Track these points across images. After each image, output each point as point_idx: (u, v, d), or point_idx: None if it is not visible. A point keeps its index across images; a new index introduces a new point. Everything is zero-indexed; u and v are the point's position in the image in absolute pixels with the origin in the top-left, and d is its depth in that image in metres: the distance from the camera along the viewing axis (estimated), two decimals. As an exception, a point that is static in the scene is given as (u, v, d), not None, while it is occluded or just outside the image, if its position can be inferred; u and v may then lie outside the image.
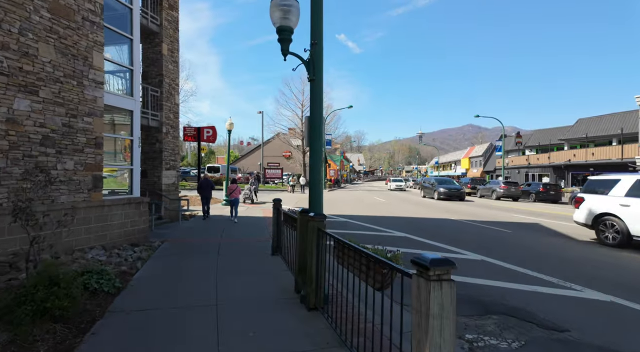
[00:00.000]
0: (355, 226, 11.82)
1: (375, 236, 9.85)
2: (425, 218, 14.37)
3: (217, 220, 12.60)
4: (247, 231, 10.34)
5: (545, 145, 38.22)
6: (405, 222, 12.94)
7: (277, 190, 35.05)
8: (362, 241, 7.80)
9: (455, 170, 71.74)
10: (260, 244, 8.41)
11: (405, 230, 10.99)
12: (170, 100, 11.93)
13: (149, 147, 11.67)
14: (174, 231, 10.03)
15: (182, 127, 20.28)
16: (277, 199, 7.43)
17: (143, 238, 8.37)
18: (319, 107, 4.74)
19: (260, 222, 12.37)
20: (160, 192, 11.50)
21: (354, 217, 14.37)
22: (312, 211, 4.71)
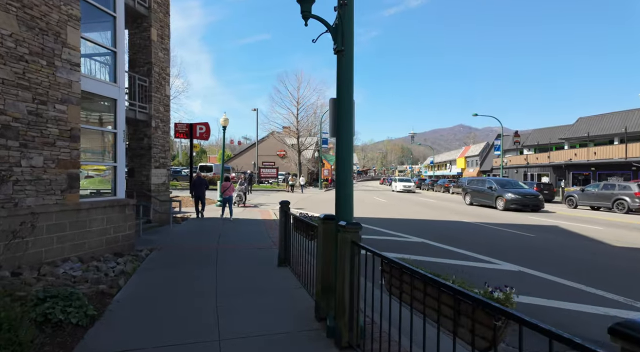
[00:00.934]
0: (364, 230, 10.83)
1: (390, 242, 8.90)
2: (435, 220, 13.47)
3: (211, 222, 11.52)
4: (246, 236, 9.29)
5: (545, 144, 37.77)
6: (416, 225, 12.02)
7: (273, 190, 33.97)
8: (377, 247, 6.83)
9: (450, 170, 71.38)
10: (262, 253, 7.39)
11: (421, 234, 10.05)
12: (160, 92, 10.82)
13: (136, 143, 10.55)
14: (164, 237, 8.94)
15: (173, 124, 19.14)
16: (285, 202, 6.41)
17: (128, 246, 7.28)
18: (349, 87, 3.75)
19: (259, 225, 11.33)
20: (148, 193, 10.39)
21: (360, 219, 13.38)
22: (341, 219, 3.72)
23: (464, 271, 6.06)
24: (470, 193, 21.57)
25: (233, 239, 8.85)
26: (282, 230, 6.38)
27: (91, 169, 7.93)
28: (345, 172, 3.82)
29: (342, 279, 3.34)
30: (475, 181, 23.29)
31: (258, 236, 9.35)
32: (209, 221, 12.08)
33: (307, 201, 21.89)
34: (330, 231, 3.94)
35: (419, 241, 9.13)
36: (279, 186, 39.51)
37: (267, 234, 9.73)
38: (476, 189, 21.07)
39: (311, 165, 50.82)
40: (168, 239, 8.70)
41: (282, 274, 5.83)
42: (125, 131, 7.41)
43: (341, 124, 3.76)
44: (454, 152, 74.03)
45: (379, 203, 21.42)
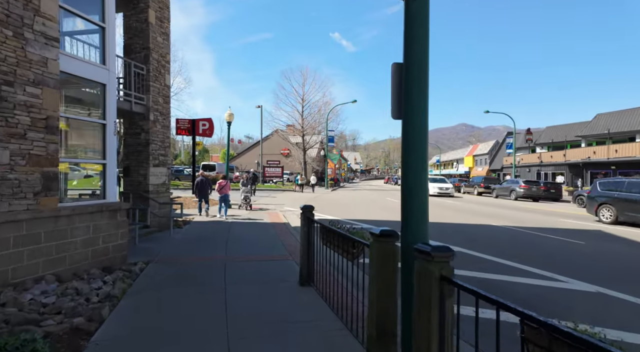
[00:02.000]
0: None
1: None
2: (463, 224, 12.27)
3: (216, 226, 10.39)
4: (257, 244, 8.15)
5: (560, 142, 36.45)
6: (443, 230, 10.83)
7: (278, 189, 32.85)
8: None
9: (457, 169, 70.07)
10: (278, 266, 6.24)
11: (452, 241, 8.87)
12: (159, 81, 9.68)
13: (132, 139, 9.43)
14: (163, 245, 7.81)
15: (175, 120, 18.04)
16: (308, 206, 5.27)
17: (120, 258, 6.15)
18: (422, 45, 2.59)
19: (269, 230, 10.18)
20: (146, 194, 9.26)
21: (374, 222, 12.23)
22: (412, 238, 2.57)
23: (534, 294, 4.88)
24: (612, 204, 12.97)
25: (242, 247, 7.69)
26: (305, 241, 5.24)
27: (90, 167, 6.81)
28: (419, 169, 2.68)
29: (427, 335, 2.17)
30: (619, 183, 13.47)
31: (270, 243, 8.20)
32: (212, 224, 10.94)
33: (319, 202, 20.74)
34: (390, 253, 2.79)
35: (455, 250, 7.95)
36: (284, 185, 38.39)
37: (279, 240, 8.58)
38: (630, 198, 12.43)
39: (316, 164, 49.70)
40: (168, 248, 7.56)
41: (308, 297, 4.67)
42: (116, 123, 6.28)
43: (411, 99, 2.61)
44: (461, 151, 72.66)
45: (393, 204, 20.24)
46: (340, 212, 14.89)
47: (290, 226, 11.03)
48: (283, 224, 11.17)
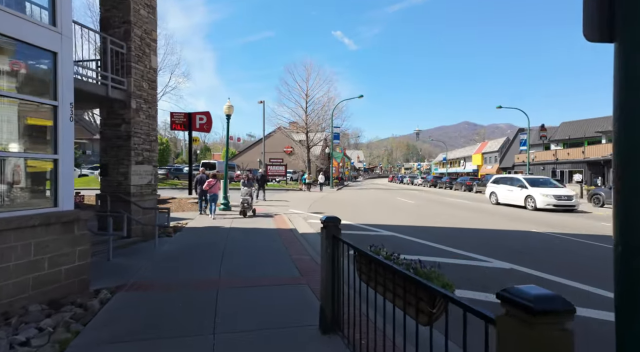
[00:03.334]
0: (419, 247, 8.10)
1: (464, 267, 6.15)
2: (496, 230, 10.68)
3: (212, 233, 8.84)
4: (260, 259, 6.60)
5: (577, 138, 34.70)
6: (473, 237, 9.25)
7: (281, 189, 31.31)
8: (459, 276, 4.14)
9: (464, 167, 68.30)
10: (287, 295, 4.70)
11: (495, 254, 7.30)
12: (143, 62, 8.15)
13: (111, 131, 7.90)
14: (144, 261, 6.27)
15: (170, 114, 16.53)
16: (332, 219, 3.73)
17: (78, 285, 4.63)
18: None
19: (274, 238, 8.63)
20: (127, 197, 7.74)
21: (396, 229, 10.66)
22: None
23: None
24: None
25: (241, 265, 6.14)
26: (329, 269, 3.69)
27: (37, 165, 5.27)
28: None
29: None
30: None
31: (275, 258, 6.65)
32: (208, 231, 9.40)
33: (326, 202, 19.21)
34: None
35: (507, 267, 6.38)
36: (287, 184, 36.86)
37: (286, 253, 7.04)
38: None
39: (320, 163, 48.14)
40: (148, 265, 6.02)
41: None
42: (72, 104, 4.72)
43: None
44: (469, 148, 70.87)
45: (404, 205, 18.66)
46: (352, 215, 13.34)
47: (298, 233, 9.50)
48: (289, 231, 9.63)
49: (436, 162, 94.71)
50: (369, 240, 8.74)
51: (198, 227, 10.05)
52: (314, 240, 8.85)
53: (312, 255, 7.00)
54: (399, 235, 9.38)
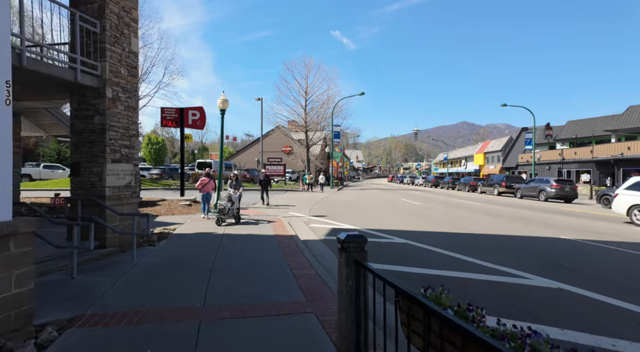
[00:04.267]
0: (440, 259, 7.02)
1: (501, 286, 5.08)
2: (517, 237, 9.62)
3: (201, 242, 7.73)
4: (254, 277, 5.50)
5: (585, 137, 33.72)
6: (503, 247, 8.18)
7: (280, 189, 30.21)
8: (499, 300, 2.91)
9: (465, 167, 67.34)
10: (289, 331, 3.61)
11: (536, 268, 6.24)
12: (121, 45, 7.05)
13: (83, 124, 6.80)
14: (115, 279, 5.18)
15: (160, 109, 15.41)
16: (356, 237, 2.63)
17: (17, 322, 3.54)
18: None
19: (272, 247, 7.54)
20: (102, 200, 6.64)
21: (408, 235, 9.60)
22: None
23: None
24: None
25: (232, 284, 5.04)
26: (351, 311, 2.61)
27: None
28: None
29: None
30: None
31: (274, 275, 5.56)
32: (198, 239, 8.30)
33: (328, 204, 18.12)
34: None
35: (554, 286, 5.31)
36: (286, 184, 35.76)
37: (287, 268, 5.95)
38: None
39: (319, 162, 47.06)
40: (120, 286, 4.92)
41: None
42: (10, 83, 3.63)
43: None
44: (471, 148, 69.88)
45: (413, 207, 17.60)
46: (357, 218, 12.26)
47: (299, 240, 8.42)
48: (290, 238, 8.54)
49: (436, 162, 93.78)
50: (381, 249, 7.67)
51: (187, 233, 8.94)
52: (317, 249, 7.78)
53: (317, 269, 5.92)
54: (413, 243, 8.31)
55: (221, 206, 9.96)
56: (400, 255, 7.22)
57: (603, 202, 18.96)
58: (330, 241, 8.65)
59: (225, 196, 10.34)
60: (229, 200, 10.16)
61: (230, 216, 10.26)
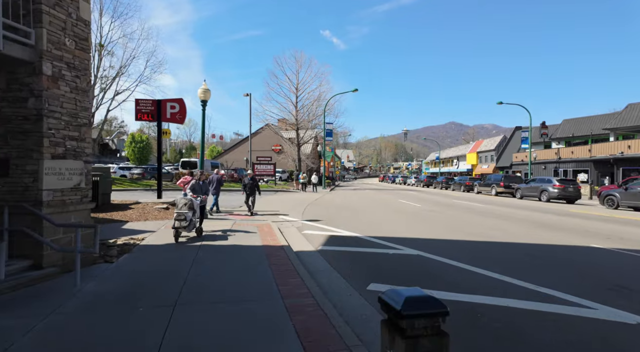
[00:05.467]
0: (466, 278, 5.69)
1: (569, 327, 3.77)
2: (549, 245, 8.39)
3: (172, 257, 6.25)
4: (233, 315, 4.08)
5: (582, 136, 33.08)
6: (532, 260, 6.92)
7: (270, 190, 28.69)
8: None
9: (457, 167, 66.75)
10: None
11: (590, 291, 4.96)
12: (64, 8, 5.54)
13: (11, 108, 5.28)
14: (34, 322, 3.70)
15: (135, 101, 13.85)
16: (427, 307, 1.18)
17: None
18: None
19: (257, 263, 6.12)
20: (37, 208, 5.12)
21: (418, 244, 8.30)
22: None
23: None
24: None
25: (200, 337, 3.61)
26: None
27: None
28: None
29: None
30: None
31: (260, 310, 4.14)
32: (168, 252, 6.81)
33: (322, 206, 16.73)
34: None
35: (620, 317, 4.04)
36: (276, 185, 34.26)
37: (278, 297, 4.55)
38: None
39: (310, 162, 45.66)
40: (39, 334, 3.45)
41: None
42: None
43: None
44: (463, 147, 69.33)
45: (411, 208, 16.34)
46: (356, 223, 10.92)
47: (292, 252, 7.03)
48: (281, 250, 7.13)
49: (427, 161, 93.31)
50: (393, 263, 6.33)
51: (157, 244, 7.43)
52: (314, 263, 6.41)
53: (317, 297, 4.54)
54: (427, 255, 6.98)
55: (181, 217, 7.51)
56: (417, 272, 5.89)
57: (607, 202, 18.06)
58: (327, 252, 7.28)
59: (183, 202, 7.73)
60: (189, 208, 7.69)
61: (192, 228, 7.83)
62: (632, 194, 16.58)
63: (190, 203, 7.71)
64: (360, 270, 6.07)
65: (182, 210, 7.61)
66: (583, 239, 8.87)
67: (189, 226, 7.54)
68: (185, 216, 7.49)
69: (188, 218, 7.52)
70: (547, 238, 8.98)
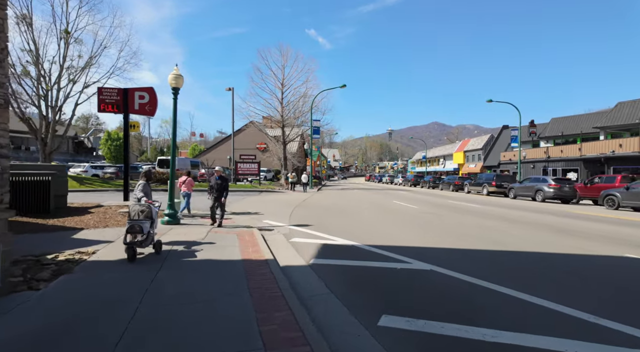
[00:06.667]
0: (506, 307, 4.46)
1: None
2: (582, 256, 7.30)
3: (121, 281, 4.80)
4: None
5: (571, 135, 32.81)
6: (579, 279, 5.78)
7: (254, 190, 27.16)
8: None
9: (444, 166, 66.54)
10: None
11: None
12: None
13: None
14: None
15: (97, 90, 12.22)
16: None
17: None
18: None
19: (234, 286, 4.76)
20: None
21: (425, 254, 7.11)
22: None
23: None
24: None
25: None
26: None
27: None
28: None
29: None
30: None
31: None
32: (119, 273, 5.35)
33: (311, 208, 15.40)
34: None
35: None
36: (260, 184, 32.74)
37: (258, 341, 3.20)
38: None
39: (296, 160, 44.25)
40: None
41: None
42: None
43: None
44: (450, 146, 69.17)
45: (409, 210, 15.21)
46: (352, 229, 9.65)
47: (278, 268, 5.69)
48: (264, 265, 5.77)
49: (413, 160, 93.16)
50: (403, 283, 5.06)
51: (108, 261, 5.94)
52: (307, 285, 5.09)
53: (315, 344, 3.22)
54: (442, 270, 5.75)
55: (135, 228, 5.76)
56: (437, 296, 4.64)
57: (607, 203, 17.43)
58: (321, 267, 5.98)
59: (138, 209, 6.06)
60: (146, 217, 6.03)
61: (149, 243, 6.02)
62: (634, 193, 15.91)
63: (147, 211, 6.09)
64: (365, 293, 4.79)
65: (137, 219, 5.97)
66: (612, 247, 7.83)
67: (145, 239, 5.88)
68: (141, 227, 5.84)
69: (145, 230, 5.87)
70: (572, 246, 7.90)
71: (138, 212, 6.11)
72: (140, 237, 5.93)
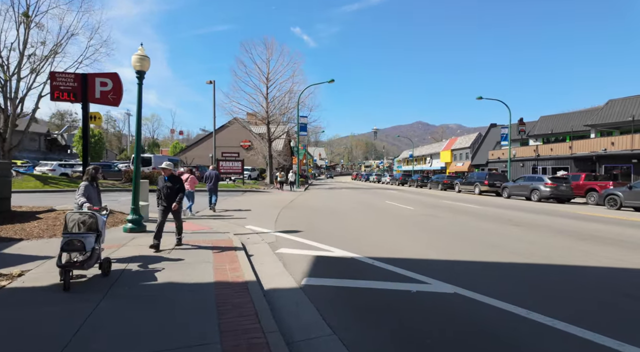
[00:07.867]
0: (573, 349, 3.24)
1: None
2: (630, 270, 6.23)
3: (40, 322, 3.43)
4: None
5: (561, 133, 32.48)
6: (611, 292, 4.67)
7: (238, 190, 25.61)
8: None
9: (430, 165, 66.20)
10: None
11: None
12: None
13: None
14: None
15: (50, 74, 10.63)
16: None
17: None
18: None
19: (195, 330, 3.42)
20: None
21: (442, 269, 5.96)
22: None
23: None
24: None
25: None
26: None
27: None
28: None
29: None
30: None
31: None
32: (48, 306, 3.93)
33: (299, 210, 14.07)
34: None
35: None
36: (244, 184, 31.16)
37: None
38: None
39: (282, 159, 42.81)
40: None
41: None
42: None
43: None
44: (437, 145, 68.87)
45: (406, 212, 14.08)
46: (348, 235, 8.39)
47: (261, 297, 4.36)
48: (243, 290, 4.44)
49: (400, 159, 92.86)
50: (427, 319, 3.77)
51: (36, 287, 4.49)
52: (298, 322, 3.79)
53: None
54: (471, 295, 4.54)
55: (73, 245, 4.33)
56: (483, 341, 3.40)
57: (609, 203, 16.68)
58: (317, 291, 4.70)
59: (77, 219, 4.61)
60: (90, 228, 4.59)
61: (93, 263, 4.53)
62: (637, 193, 15.22)
63: (92, 221, 4.62)
64: (380, 332, 3.53)
65: (77, 233, 4.48)
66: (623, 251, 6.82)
67: (88, 259, 4.39)
68: (82, 243, 4.36)
69: (88, 246, 4.41)
70: (612, 257, 6.83)
71: (78, 223, 4.65)
72: (81, 257, 4.47)
